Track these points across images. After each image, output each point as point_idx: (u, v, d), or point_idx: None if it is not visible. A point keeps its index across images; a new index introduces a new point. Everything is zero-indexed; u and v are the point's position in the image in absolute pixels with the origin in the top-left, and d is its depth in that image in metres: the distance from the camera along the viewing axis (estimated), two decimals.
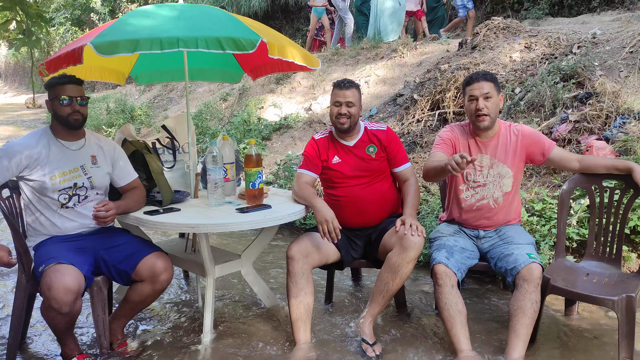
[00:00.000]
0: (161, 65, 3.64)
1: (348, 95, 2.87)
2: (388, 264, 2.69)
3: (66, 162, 2.63)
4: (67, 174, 2.61)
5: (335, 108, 2.90)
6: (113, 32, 2.51)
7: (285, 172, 5.65)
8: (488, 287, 3.51)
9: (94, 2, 20.04)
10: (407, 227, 2.66)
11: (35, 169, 2.55)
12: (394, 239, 2.73)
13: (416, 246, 2.63)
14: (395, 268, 2.66)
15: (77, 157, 2.67)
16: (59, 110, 2.59)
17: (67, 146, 2.66)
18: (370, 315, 2.76)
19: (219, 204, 2.85)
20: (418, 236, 2.64)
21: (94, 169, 2.70)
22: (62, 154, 2.63)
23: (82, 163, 2.67)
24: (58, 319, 2.38)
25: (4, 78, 31.75)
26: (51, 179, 2.57)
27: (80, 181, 2.64)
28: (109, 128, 10.38)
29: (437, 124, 5.57)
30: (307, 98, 8.45)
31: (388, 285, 2.69)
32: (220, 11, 2.92)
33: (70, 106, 2.58)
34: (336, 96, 2.89)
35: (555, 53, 5.55)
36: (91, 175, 2.68)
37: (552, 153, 2.76)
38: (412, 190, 2.93)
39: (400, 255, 2.64)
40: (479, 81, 2.70)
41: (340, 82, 2.92)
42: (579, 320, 3.01)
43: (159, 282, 2.58)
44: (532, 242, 2.75)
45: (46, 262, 2.36)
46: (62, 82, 2.59)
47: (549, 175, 4.17)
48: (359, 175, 2.92)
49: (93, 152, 2.73)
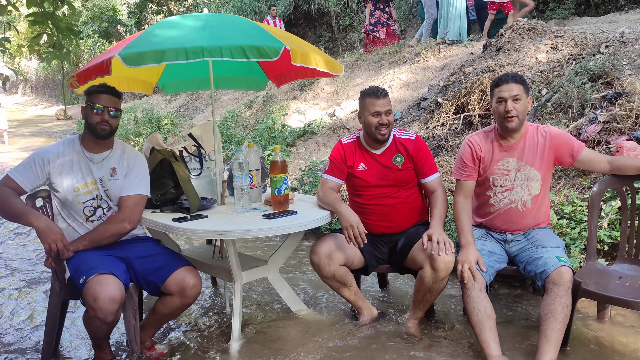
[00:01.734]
0: (187, 74, 3.70)
1: (386, 104, 2.83)
2: (422, 282, 2.75)
3: (87, 174, 2.66)
4: (87, 185, 2.65)
5: (375, 118, 2.82)
6: (140, 44, 2.56)
7: (310, 178, 5.67)
8: (517, 292, 3.46)
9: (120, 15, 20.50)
10: (434, 245, 2.64)
11: (61, 179, 2.60)
12: (422, 255, 2.73)
13: (446, 266, 2.66)
14: (430, 286, 2.74)
15: (96, 170, 2.68)
16: (90, 117, 2.63)
17: (90, 158, 2.68)
18: (414, 319, 2.92)
19: (245, 211, 2.88)
20: (446, 254, 2.62)
21: (111, 182, 2.69)
22: (84, 164, 2.66)
23: (100, 175, 2.68)
24: (101, 328, 2.42)
25: (35, 90, 32.63)
26: (74, 190, 2.61)
27: (99, 194, 2.67)
28: (136, 137, 10.58)
29: (463, 127, 5.52)
30: (330, 104, 8.47)
31: (426, 297, 2.81)
32: (244, 20, 2.96)
33: (101, 115, 2.61)
34: (374, 106, 2.81)
35: (583, 53, 5.45)
36: (108, 188, 2.68)
37: (582, 155, 2.71)
38: (439, 202, 2.88)
39: (432, 275, 2.69)
40: (507, 83, 2.67)
41: (374, 90, 2.85)
42: (611, 324, 2.95)
43: (187, 297, 2.59)
44: (561, 245, 2.70)
45: (87, 273, 2.37)
46: (99, 90, 2.64)
47: (579, 177, 4.09)
48: (384, 185, 2.91)
49: (114, 165, 2.72)
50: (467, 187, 2.81)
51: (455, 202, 2.80)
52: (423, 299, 2.82)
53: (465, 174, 2.80)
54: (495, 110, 2.73)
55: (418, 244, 2.78)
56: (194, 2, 18.50)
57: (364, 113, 2.86)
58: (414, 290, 2.84)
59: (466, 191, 2.81)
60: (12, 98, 33.77)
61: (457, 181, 2.84)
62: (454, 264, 2.68)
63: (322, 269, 2.84)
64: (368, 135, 2.91)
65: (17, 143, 13.50)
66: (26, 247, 4.91)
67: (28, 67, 32.31)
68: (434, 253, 2.62)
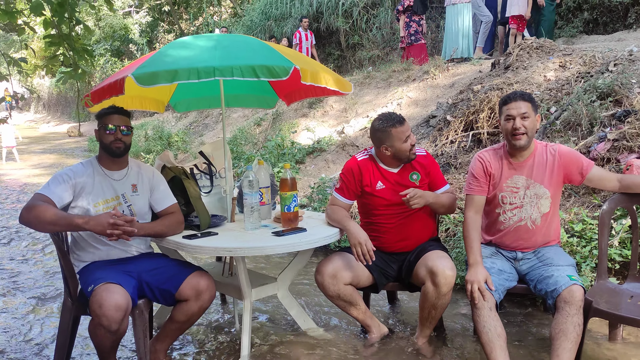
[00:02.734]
0: (198, 93, 3.76)
1: (409, 127, 2.85)
2: (426, 298, 2.77)
3: (108, 191, 2.73)
4: (109, 201, 2.71)
5: (407, 144, 2.82)
6: (153, 64, 2.61)
7: (319, 195, 5.69)
8: (528, 311, 3.43)
9: (132, 34, 20.80)
10: (409, 194, 2.74)
11: (82, 197, 2.66)
12: (424, 272, 2.75)
13: (447, 281, 2.69)
14: (433, 301, 2.75)
15: (118, 186, 2.76)
16: (104, 138, 2.72)
17: (110, 175, 2.76)
18: (423, 337, 2.93)
19: (255, 228, 2.89)
20: (412, 203, 2.72)
21: (134, 197, 2.79)
22: (105, 182, 2.74)
23: (123, 192, 2.76)
24: (106, 338, 2.43)
25: (47, 108, 33.03)
26: (94, 206, 2.66)
27: (120, 209, 2.72)
28: (147, 155, 10.67)
29: (472, 144, 5.53)
30: (339, 121, 8.51)
31: (431, 314, 2.82)
32: (254, 40, 3.00)
33: (114, 134, 2.70)
34: (403, 133, 2.80)
35: (591, 71, 5.46)
36: (131, 203, 2.77)
37: (591, 172, 2.71)
38: (448, 194, 2.98)
39: (434, 291, 2.72)
40: (516, 101, 2.68)
41: (397, 118, 2.83)
42: (623, 344, 2.91)
43: (203, 300, 2.63)
44: (572, 264, 2.69)
45: (95, 282, 2.44)
46: (109, 112, 2.74)
47: (589, 195, 4.08)
48: (402, 203, 2.87)
49: (134, 181, 2.82)
50: (478, 202, 2.81)
51: (466, 217, 2.80)
52: (429, 315, 2.82)
53: (477, 188, 2.81)
54: (503, 128, 2.74)
55: (420, 261, 2.80)
56: (204, 22, 18.77)
57: (394, 143, 2.82)
58: (419, 308, 2.85)
59: (477, 206, 2.81)
60: (24, 115, 34.21)
61: (467, 196, 2.84)
62: (455, 278, 2.70)
63: (326, 288, 2.85)
64: (399, 160, 2.89)
65: (29, 160, 13.64)
66: (39, 265, 4.95)
67: (41, 85, 32.77)
68: (403, 198, 2.72)
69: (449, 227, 4.33)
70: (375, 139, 2.89)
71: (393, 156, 2.88)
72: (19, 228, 6.24)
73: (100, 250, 2.70)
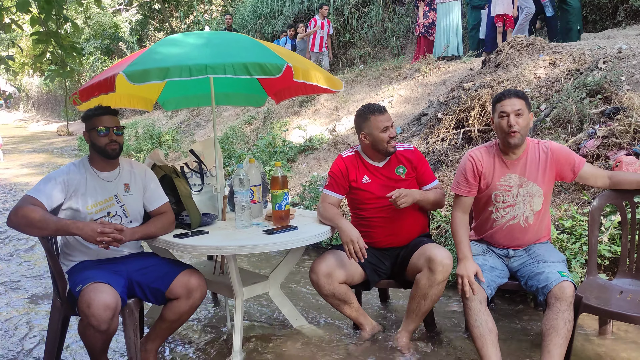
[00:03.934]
0: (188, 91, 3.73)
1: (389, 117, 2.90)
2: (418, 287, 2.74)
3: (101, 192, 2.69)
4: (101, 203, 2.68)
5: (385, 134, 2.86)
6: (143, 61, 2.59)
7: (311, 194, 5.68)
8: (519, 307, 3.45)
9: (122, 32, 20.67)
10: (394, 194, 2.74)
11: (74, 198, 2.62)
12: (421, 260, 2.74)
13: (444, 269, 2.68)
14: (425, 290, 2.72)
15: (111, 187, 2.72)
16: (97, 140, 2.66)
17: (102, 176, 2.72)
18: (406, 332, 2.88)
19: (246, 226, 2.88)
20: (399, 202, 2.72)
21: (127, 197, 2.75)
22: (98, 183, 2.69)
23: (115, 192, 2.73)
24: (96, 338, 2.41)
25: (37, 107, 32.76)
26: (87, 208, 2.63)
27: (114, 210, 2.70)
28: (137, 153, 10.60)
29: (462, 142, 5.55)
30: (331, 119, 8.52)
31: (420, 306, 2.78)
32: (246, 37, 2.99)
33: (108, 136, 2.65)
34: (382, 122, 2.85)
35: (581, 69, 5.50)
36: (124, 203, 2.73)
37: (583, 170, 2.71)
38: (437, 190, 2.99)
39: (429, 278, 2.70)
40: (510, 98, 2.67)
41: (376, 107, 2.90)
42: (613, 340, 2.94)
43: (193, 298, 2.61)
44: (563, 260, 2.70)
45: (83, 282, 2.41)
46: (98, 113, 2.67)
47: (578, 192, 4.11)
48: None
49: (126, 180, 2.78)
50: (465, 203, 2.82)
51: (453, 216, 2.81)
52: (417, 307, 2.79)
53: (465, 189, 2.80)
54: (497, 126, 2.72)
55: (418, 252, 2.80)
56: (195, 20, 18.69)
57: (372, 131, 2.87)
58: (409, 299, 2.83)
59: (464, 207, 2.82)
60: (13, 115, 33.92)
61: (456, 196, 2.84)
62: (451, 268, 2.71)
63: (321, 287, 2.85)
64: (377, 151, 2.92)
65: (19, 159, 13.51)
66: (28, 265, 4.90)
67: (30, 84, 32.50)
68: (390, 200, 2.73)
69: (440, 224, 4.34)
70: (356, 125, 2.99)
71: (372, 146, 2.91)
72: (7, 227, 6.18)
73: (91, 249, 2.67)
